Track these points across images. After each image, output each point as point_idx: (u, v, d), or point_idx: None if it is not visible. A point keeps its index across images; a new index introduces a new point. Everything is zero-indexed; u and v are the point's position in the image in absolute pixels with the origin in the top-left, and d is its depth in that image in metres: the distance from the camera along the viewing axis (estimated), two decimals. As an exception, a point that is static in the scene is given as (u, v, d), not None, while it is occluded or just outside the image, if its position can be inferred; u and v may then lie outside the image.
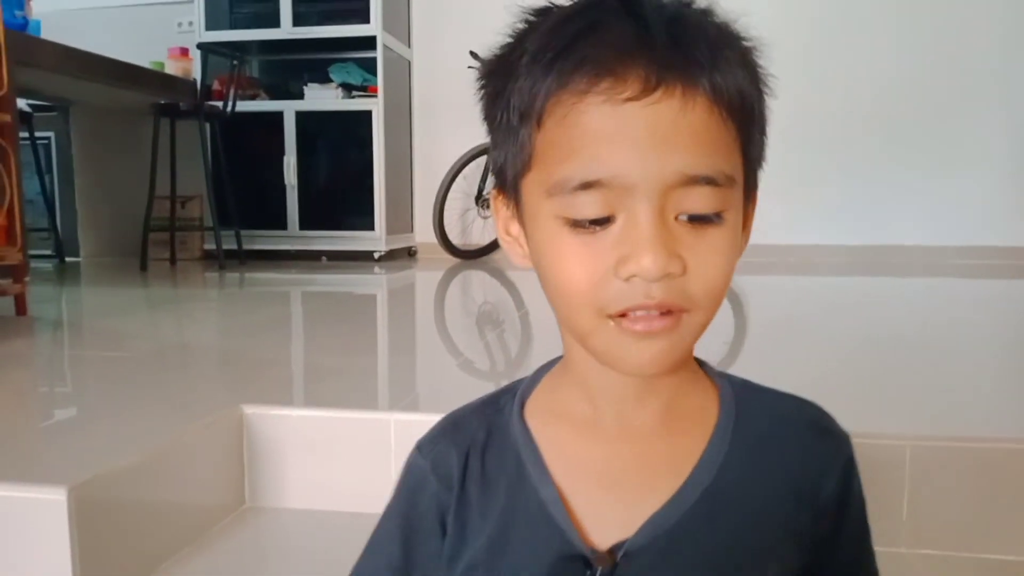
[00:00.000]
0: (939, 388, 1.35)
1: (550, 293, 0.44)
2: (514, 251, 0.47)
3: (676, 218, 0.39)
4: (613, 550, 0.43)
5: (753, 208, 0.46)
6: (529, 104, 0.41)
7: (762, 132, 0.44)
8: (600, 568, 0.43)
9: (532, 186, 0.42)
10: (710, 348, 0.46)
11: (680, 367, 0.46)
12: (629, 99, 0.38)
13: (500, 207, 0.47)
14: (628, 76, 0.38)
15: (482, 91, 0.46)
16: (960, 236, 3.98)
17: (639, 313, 0.40)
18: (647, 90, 0.38)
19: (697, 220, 0.40)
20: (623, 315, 0.40)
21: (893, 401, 1.25)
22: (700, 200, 0.39)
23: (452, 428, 0.50)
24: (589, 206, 0.39)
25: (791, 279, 3.25)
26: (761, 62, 0.43)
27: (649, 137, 0.38)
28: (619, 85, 0.38)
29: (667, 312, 0.40)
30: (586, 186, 0.39)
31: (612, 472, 0.45)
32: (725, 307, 2.38)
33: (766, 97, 0.43)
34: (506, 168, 0.44)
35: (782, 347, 1.77)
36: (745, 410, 0.47)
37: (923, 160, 4.01)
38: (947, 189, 4.00)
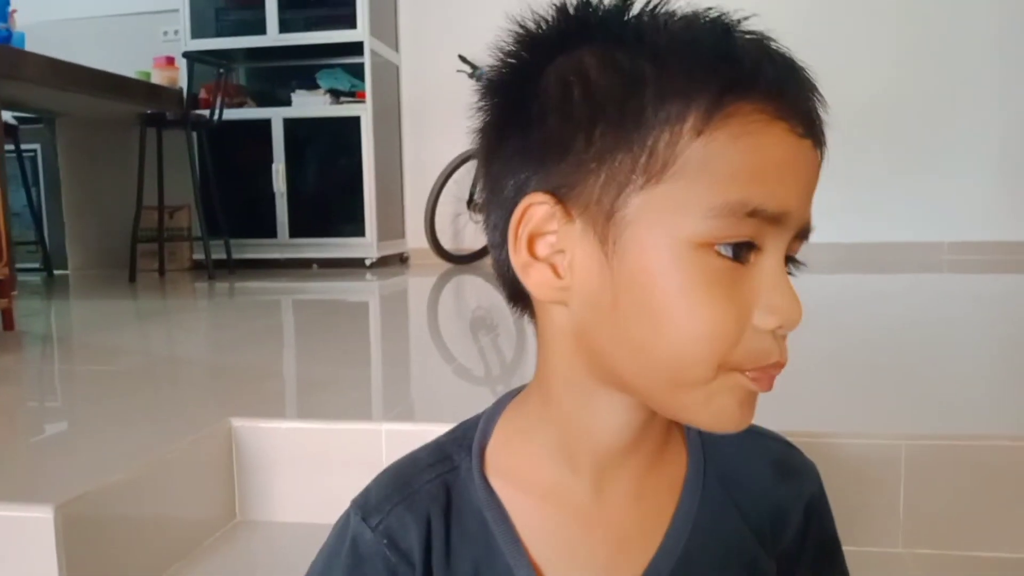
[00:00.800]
0: (934, 386, 1.34)
1: (657, 336, 0.36)
2: (540, 277, 0.38)
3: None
4: None
5: None
6: (689, 107, 0.35)
7: None
8: None
9: (659, 201, 0.35)
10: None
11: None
12: (802, 136, 0.36)
13: (537, 222, 0.38)
14: (798, 112, 0.36)
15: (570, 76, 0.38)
16: (954, 232, 4.00)
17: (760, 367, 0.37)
18: (809, 132, 0.37)
19: (788, 268, 0.38)
20: (743, 368, 0.36)
21: (888, 400, 1.24)
22: (798, 248, 0.38)
23: (404, 490, 0.43)
24: (748, 236, 0.35)
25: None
26: None
27: (809, 180, 0.37)
28: (796, 118, 0.36)
29: None
30: (755, 214, 0.35)
31: (585, 545, 0.42)
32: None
33: None
34: (591, 177, 0.36)
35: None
36: (711, 456, 0.45)
37: (916, 156, 4.03)
38: (940, 185, 4.01)
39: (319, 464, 1.10)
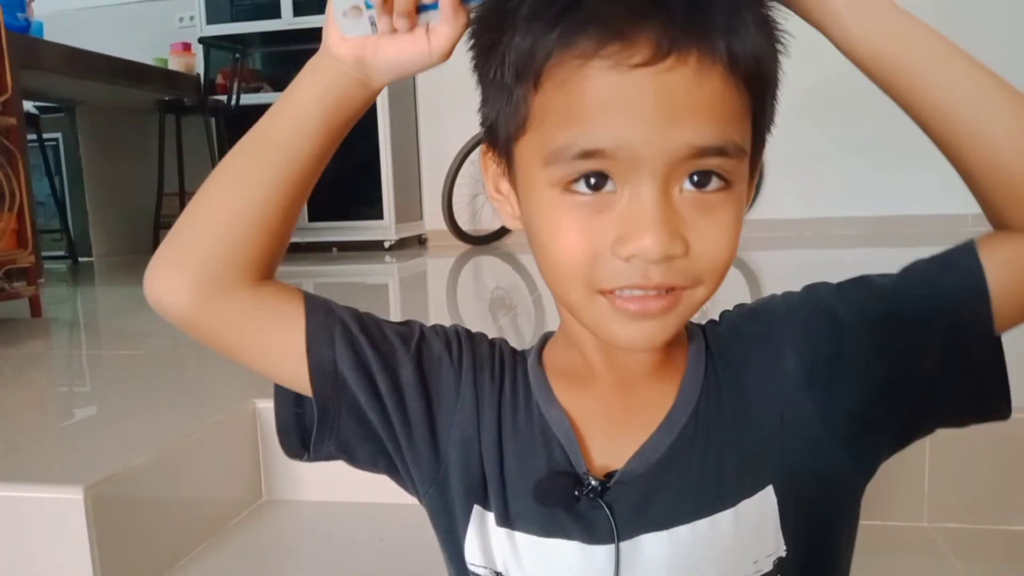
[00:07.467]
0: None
1: (541, 262, 0.42)
2: (503, 210, 0.46)
3: (681, 191, 0.38)
4: (608, 476, 0.44)
5: (756, 176, 0.44)
6: (527, 63, 0.38)
7: (774, 97, 0.42)
8: (590, 484, 0.43)
9: (527, 150, 0.40)
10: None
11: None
12: (639, 65, 0.35)
13: (489, 164, 0.46)
14: (639, 39, 0.35)
15: (473, 41, 0.42)
16: (975, 204, 3.93)
17: (634, 292, 0.39)
18: (658, 56, 0.35)
19: (702, 191, 0.38)
20: (612, 291, 0.39)
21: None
22: (715, 163, 0.37)
23: (494, 348, 0.51)
24: (595, 169, 0.38)
25: (807, 252, 3.22)
26: (779, 21, 0.40)
27: (659, 108, 0.35)
28: (628, 49, 0.35)
29: (667, 290, 0.39)
30: (587, 155, 0.37)
31: (604, 409, 0.46)
32: (740, 284, 2.36)
33: (781, 59, 0.41)
34: (497, 126, 0.42)
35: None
36: (714, 338, 0.47)
37: (936, 127, 3.96)
38: (961, 156, 3.94)
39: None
